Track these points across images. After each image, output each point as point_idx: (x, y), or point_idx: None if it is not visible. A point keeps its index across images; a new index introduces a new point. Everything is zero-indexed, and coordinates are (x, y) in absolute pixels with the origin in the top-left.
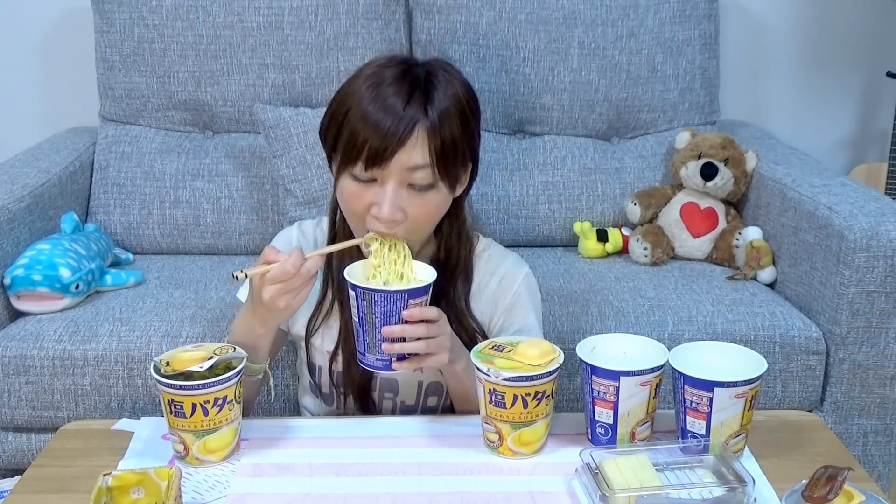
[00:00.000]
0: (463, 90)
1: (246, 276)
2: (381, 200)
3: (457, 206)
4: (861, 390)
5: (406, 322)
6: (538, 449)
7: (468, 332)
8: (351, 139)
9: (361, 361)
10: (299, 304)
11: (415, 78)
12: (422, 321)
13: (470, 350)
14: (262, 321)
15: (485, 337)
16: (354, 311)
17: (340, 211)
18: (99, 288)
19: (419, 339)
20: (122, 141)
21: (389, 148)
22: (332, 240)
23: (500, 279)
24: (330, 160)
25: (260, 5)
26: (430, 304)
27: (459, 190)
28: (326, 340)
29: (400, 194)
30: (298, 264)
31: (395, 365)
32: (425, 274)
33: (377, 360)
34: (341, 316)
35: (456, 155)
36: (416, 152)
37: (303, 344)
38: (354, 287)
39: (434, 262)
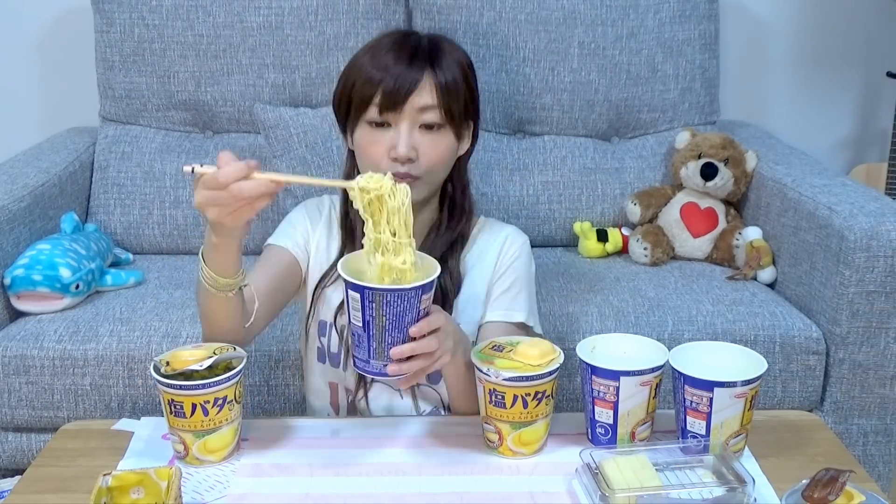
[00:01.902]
0: (464, 58)
1: (192, 172)
2: (397, 140)
3: (459, 169)
4: (861, 390)
5: (412, 337)
6: (538, 449)
7: (455, 288)
8: (365, 87)
9: (364, 370)
10: (235, 222)
11: (418, 40)
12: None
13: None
14: (211, 229)
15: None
16: (357, 314)
17: (352, 175)
18: (99, 288)
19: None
20: (122, 141)
21: (402, 90)
22: (345, 216)
23: (503, 242)
24: (344, 131)
25: (260, 5)
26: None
27: (463, 146)
28: (335, 295)
29: (413, 135)
30: (230, 177)
31: (405, 367)
32: (424, 262)
33: (384, 365)
34: None
35: (459, 100)
36: (425, 94)
37: (310, 301)
38: (360, 289)
39: (435, 227)
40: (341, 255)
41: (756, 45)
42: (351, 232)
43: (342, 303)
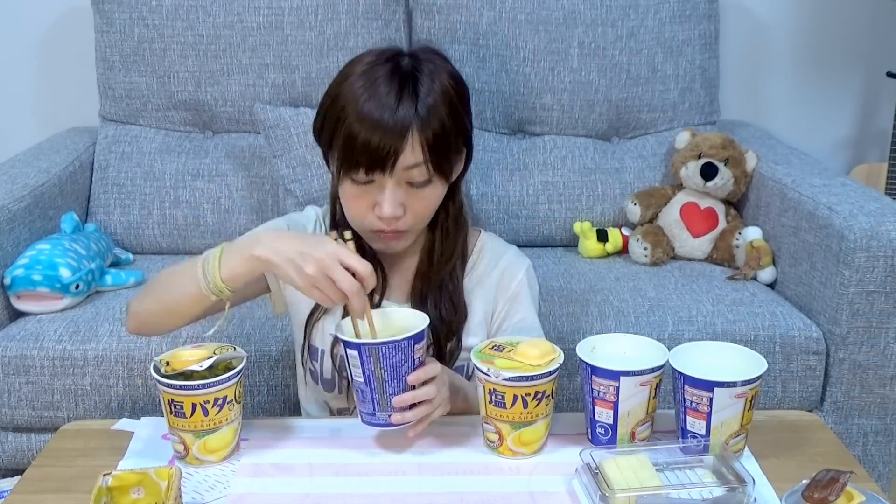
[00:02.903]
0: (450, 80)
1: (343, 237)
2: (382, 200)
3: (453, 191)
4: (861, 390)
5: (412, 386)
6: (538, 449)
7: (461, 316)
8: (349, 146)
9: (371, 423)
10: (307, 292)
11: (403, 75)
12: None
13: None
14: (277, 271)
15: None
16: (358, 370)
17: (338, 207)
18: (99, 288)
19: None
20: (122, 141)
21: (387, 153)
22: (335, 226)
23: (503, 271)
24: (326, 157)
25: (260, 5)
26: (430, 296)
27: (454, 176)
28: (328, 323)
29: (398, 192)
30: (356, 279)
31: (408, 415)
32: (414, 318)
33: (388, 416)
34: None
35: (448, 149)
36: (409, 154)
37: (303, 330)
38: (357, 346)
39: (429, 250)
40: None
41: (756, 45)
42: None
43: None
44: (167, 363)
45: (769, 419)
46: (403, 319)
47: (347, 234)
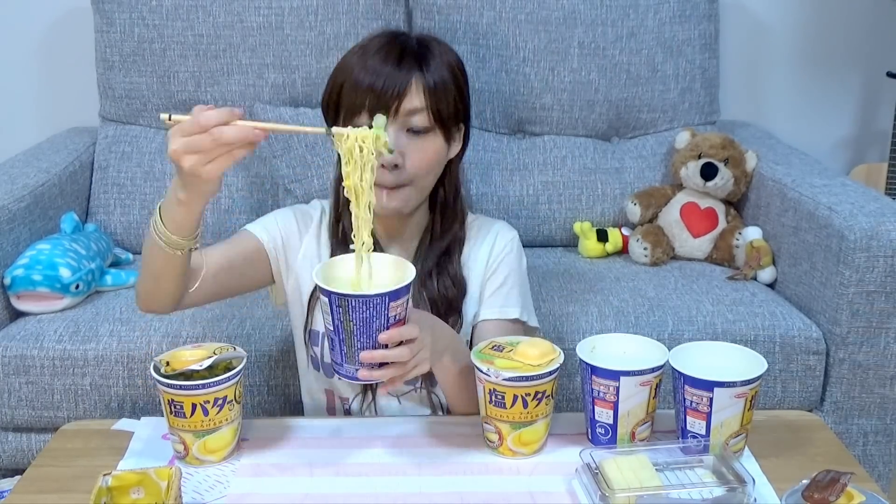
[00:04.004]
0: (455, 59)
1: (170, 119)
2: None
3: (450, 172)
4: (861, 390)
5: (385, 346)
6: (538, 449)
7: (460, 291)
8: (353, 92)
9: (338, 372)
10: (211, 173)
11: (406, 41)
12: (401, 342)
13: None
14: (181, 183)
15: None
16: (328, 318)
17: (342, 193)
18: (99, 288)
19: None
20: (122, 141)
21: (391, 94)
22: (337, 221)
23: (493, 239)
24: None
25: (260, 5)
26: (432, 274)
27: (453, 150)
28: None
29: (399, 138)
30: (212, 121)
31: (376, 374)
32: (403, 270)
33: (356, 370)
34: None
35: (449, 102)
36: (412, 96)
37: (304, 311)
38: (328, 293)
39: (427, 231)
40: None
41: (756, 45)
42: (343, 240)
43: None
44: (167, 363)
45: (769, 419)
46: (398, 271)
47: (166, 116)
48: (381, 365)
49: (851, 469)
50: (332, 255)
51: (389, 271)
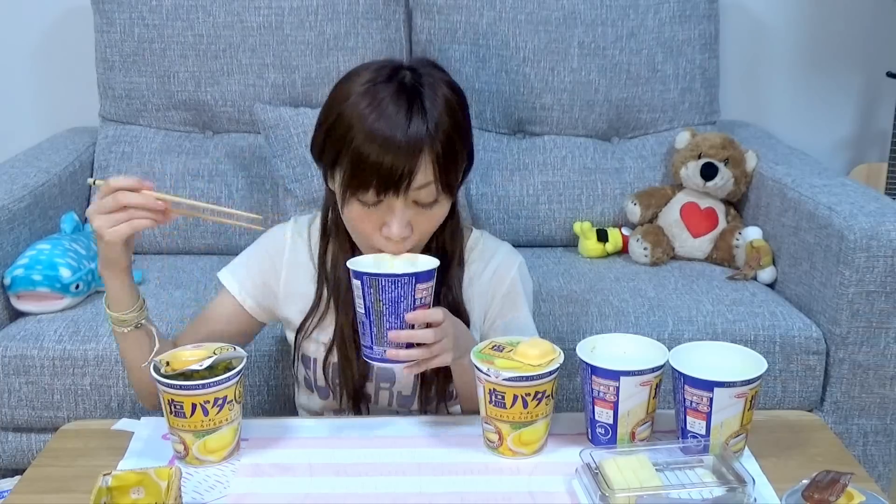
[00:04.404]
0: (450, 91)
1: (94, 184)
2: (391, 221)
3: (452, 215)
4: (861, 390)
5: (412, 325)
6: (538, 449)
7: (464, 321)
8: (358, 167)
9: (368, 356)
10: (112, 236)
11: (408, 91)
12: (427, 324)
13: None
14: (98, 250)
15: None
16: (360, 301)
17: (333, 210)
18: (99, 288)
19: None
20: (122, 141)
21: (401, 174)
22: (325, 238)
23: (495, 270)
24: (326, 176)
25: (260, 5)
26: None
27: (456, 193)
28: (321, 334)
29: (407, 213)
30: (119, 184)
31: (402, 354)
32: (427, 260)
33: (384, 351)
34: (336, 313)
35: (455, 165)
36: (421, 174)
37: (293, 339)
38: (359, 275)
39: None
40: (320, 294)
41: (756, 45)
42: (329, 275)
43: (331, 342)
44: (167, 363)
45: (769, 419)
46: (428, 263)
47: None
48: (408, 346)
49: (851, 469)
50: (319, 274)
51: (409, 266)
